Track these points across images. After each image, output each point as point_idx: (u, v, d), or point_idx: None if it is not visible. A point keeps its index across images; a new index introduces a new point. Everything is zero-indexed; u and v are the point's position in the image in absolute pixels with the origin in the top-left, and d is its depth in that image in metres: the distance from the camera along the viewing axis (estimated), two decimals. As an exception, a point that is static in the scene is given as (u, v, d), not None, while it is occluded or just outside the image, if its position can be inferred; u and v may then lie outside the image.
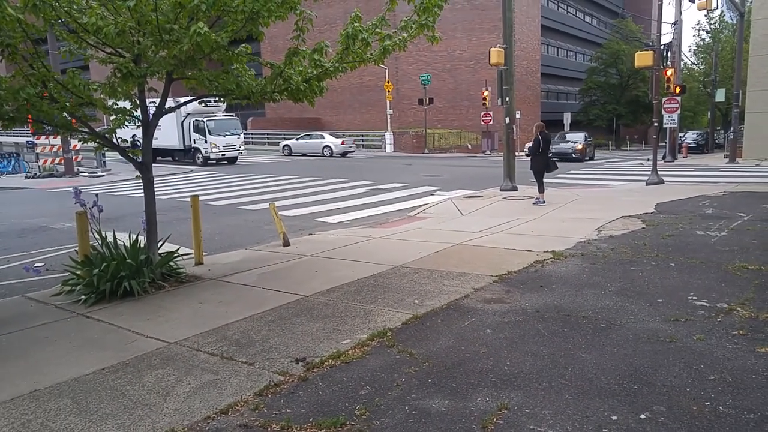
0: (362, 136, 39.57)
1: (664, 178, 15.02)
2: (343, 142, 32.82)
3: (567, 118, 39.61)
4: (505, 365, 3.69)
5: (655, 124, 15.41)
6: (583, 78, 56.61)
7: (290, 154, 33.89)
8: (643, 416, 3.00)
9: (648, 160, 21.88)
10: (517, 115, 26.42)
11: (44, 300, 5.77)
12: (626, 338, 4.08)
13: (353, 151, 33.57)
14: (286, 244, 8.08)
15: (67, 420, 3.23)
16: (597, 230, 8.23)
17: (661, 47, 17.68)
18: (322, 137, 33.64)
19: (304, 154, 33.26)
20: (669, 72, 17.21)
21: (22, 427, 3.16)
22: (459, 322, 4.52)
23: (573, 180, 17.20)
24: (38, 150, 25.61)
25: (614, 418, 2.99)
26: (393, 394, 3.34)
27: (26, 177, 24.05)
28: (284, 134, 43.15)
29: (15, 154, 28.41)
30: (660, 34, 18.63)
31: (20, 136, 35.22)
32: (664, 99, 18.62)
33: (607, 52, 52.65)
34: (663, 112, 18.86)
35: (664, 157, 24.58)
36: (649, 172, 15.09)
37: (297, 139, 34.94)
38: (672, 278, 5.59)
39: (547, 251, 6.86)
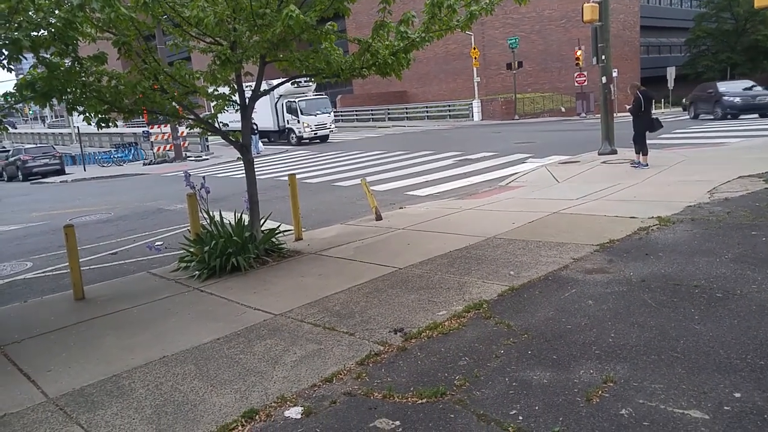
0: (449, 106, 38.86)
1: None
2: None
3: (671, 72, 35.84)
4: (609, 337, 3.53)
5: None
6: (689, 27, 50.97)
7: None
8: (772, 394, 2.72)
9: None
10: (615, 74, 24.37)
11: (165, 275, 6.41)
12: (749, 309, 3.71)
13: None
14: (378, 218, 8.25)
15: (192, 384, 3.58)
16: (709, 193, 7.51)
17: (790, -19, 15.34)
18: None
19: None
20: (799, 9, 14.91)
21: (156, 389, 3.55)
22: (558, 294, 4.38)
23: (679, 140, 15.72)
24: (152, 139, 28.32)
25: (737, 395, 2.75)
26: (492, 365, 3.34)
27: (144, 164, 26.83)
28: (371, 110, 43.55)
29: (134, 144, 31.82)
30: (788, -33, 16.06)
31: (137, 127, 38.89)
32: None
33: (720, -6, 46.91)
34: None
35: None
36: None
37: None
38: (805, 244, 4.93)
39: (653, 217, 6.39)
